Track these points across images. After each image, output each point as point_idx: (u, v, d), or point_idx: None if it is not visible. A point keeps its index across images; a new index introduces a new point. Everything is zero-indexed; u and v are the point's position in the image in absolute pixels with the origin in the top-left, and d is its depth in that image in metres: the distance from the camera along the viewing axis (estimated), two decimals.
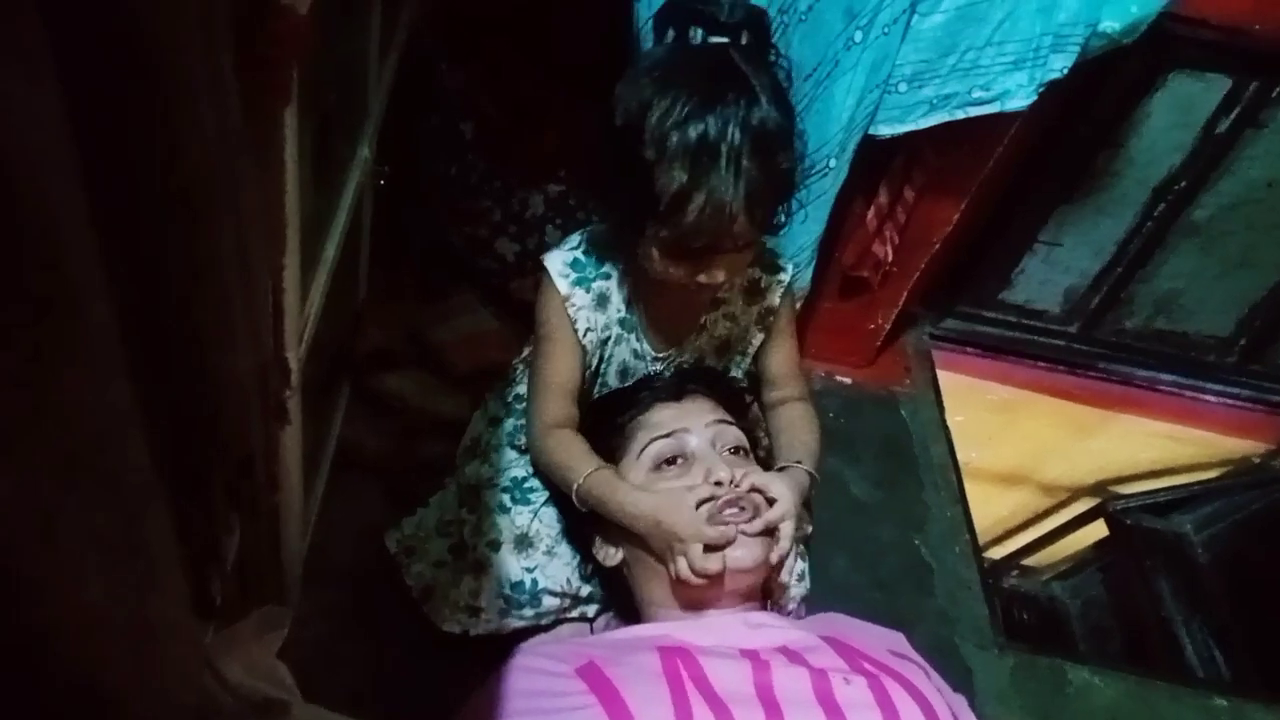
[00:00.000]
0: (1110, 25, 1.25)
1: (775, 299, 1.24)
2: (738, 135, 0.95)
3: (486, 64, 1.58)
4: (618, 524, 1.05)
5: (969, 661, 1.44)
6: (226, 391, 0.54)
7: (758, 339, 1.26)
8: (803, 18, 1.26)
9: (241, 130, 0.47)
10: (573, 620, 1.20)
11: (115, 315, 0.36)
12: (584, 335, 1.15)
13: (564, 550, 1.16)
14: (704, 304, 1.21)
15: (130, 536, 0.38)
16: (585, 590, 1.17)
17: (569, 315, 1.13)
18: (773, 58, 1.06)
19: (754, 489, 1.02)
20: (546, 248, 1.50)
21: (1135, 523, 2.15)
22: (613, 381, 1.24)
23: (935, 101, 1.32)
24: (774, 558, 1.02)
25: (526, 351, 1.31)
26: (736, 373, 1.29)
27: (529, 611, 1.14)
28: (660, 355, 1.22)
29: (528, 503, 1.17)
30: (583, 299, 1.13)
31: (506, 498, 1.18)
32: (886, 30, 1.24)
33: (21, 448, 0.33)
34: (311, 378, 0.97)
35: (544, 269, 1.15)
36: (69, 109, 0.33)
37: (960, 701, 0.98)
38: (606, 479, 1.07)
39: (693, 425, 1.08)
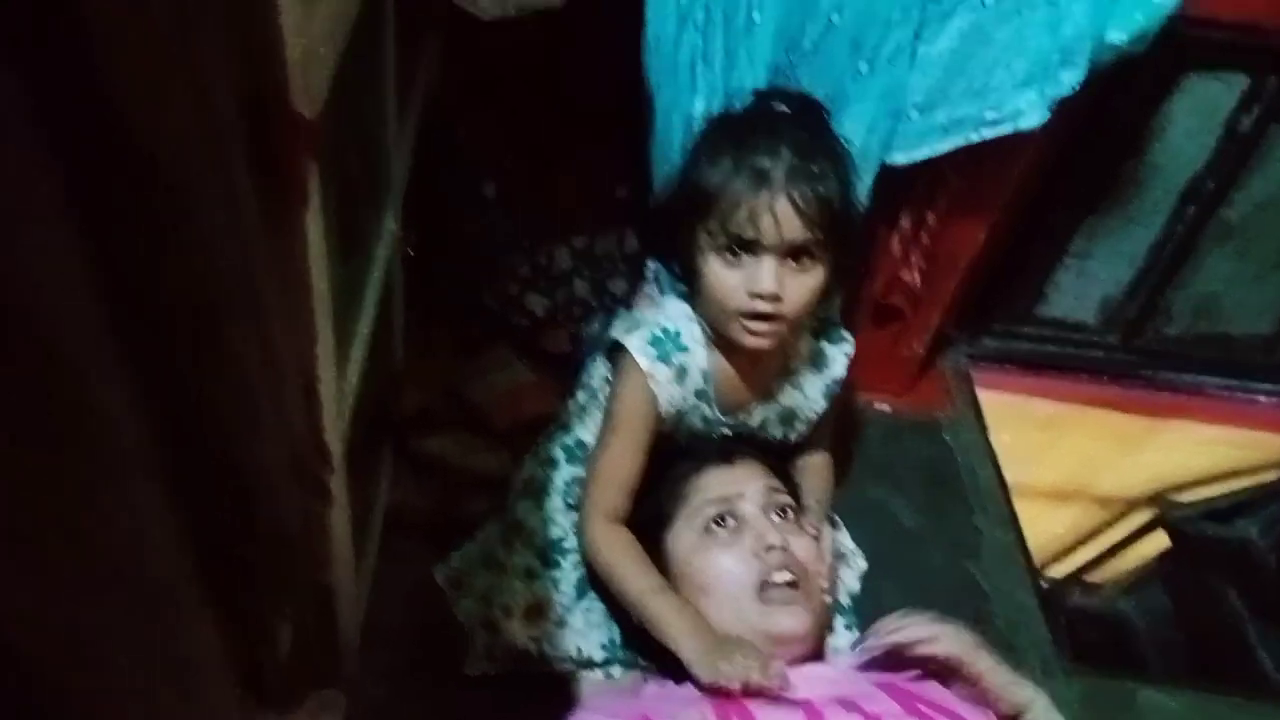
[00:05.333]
0: (1117, 36, 1.25)
1: (841, 369, 1.28)
2: (782, 141, 1.05)
3: (504, 118, 1.61)
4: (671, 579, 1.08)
5: None
6: (260, 484, 0.55)
7: (821, 408, 1.30)
8: (809, 55, 1.28)
9: (260, 235, 0.49)
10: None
11: (143, 429, 0.37)
12: (665, 409, 1.16)
13: (575, 620, 1.19)
14: (774, 372, 1.23)
15: (171, 647, 0.39)
16: (599, 655, 1.18)
17: (650, 392, 1.14)
18: (831, 131, 1.16)
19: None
20: (576, 300, 1.53)
21: (1197, 531, 2.09)
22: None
23: (949, 126, 1.32)
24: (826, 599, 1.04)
25: (580, 394, 1.33)
26: (794, 439, 1.32)
27: (538, 669, 1.17)
28: (728, 422, 1.24)
29: (557, 567, 1.20)
30: (665, 374, 1.15)
31: (537, 562, 1.20)
32: (892, 60, 1.26)
33: (52, 566, 0.34)
34: (354, 448, 0.99)
35: (624, 352, 1.16)
36: (85, 231, 0.35)
37: None
38: (668, 605, 1.05)
39: (745, 490, 1.10)
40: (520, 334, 1.62)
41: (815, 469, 1.34)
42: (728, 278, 1.08)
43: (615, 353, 1.20)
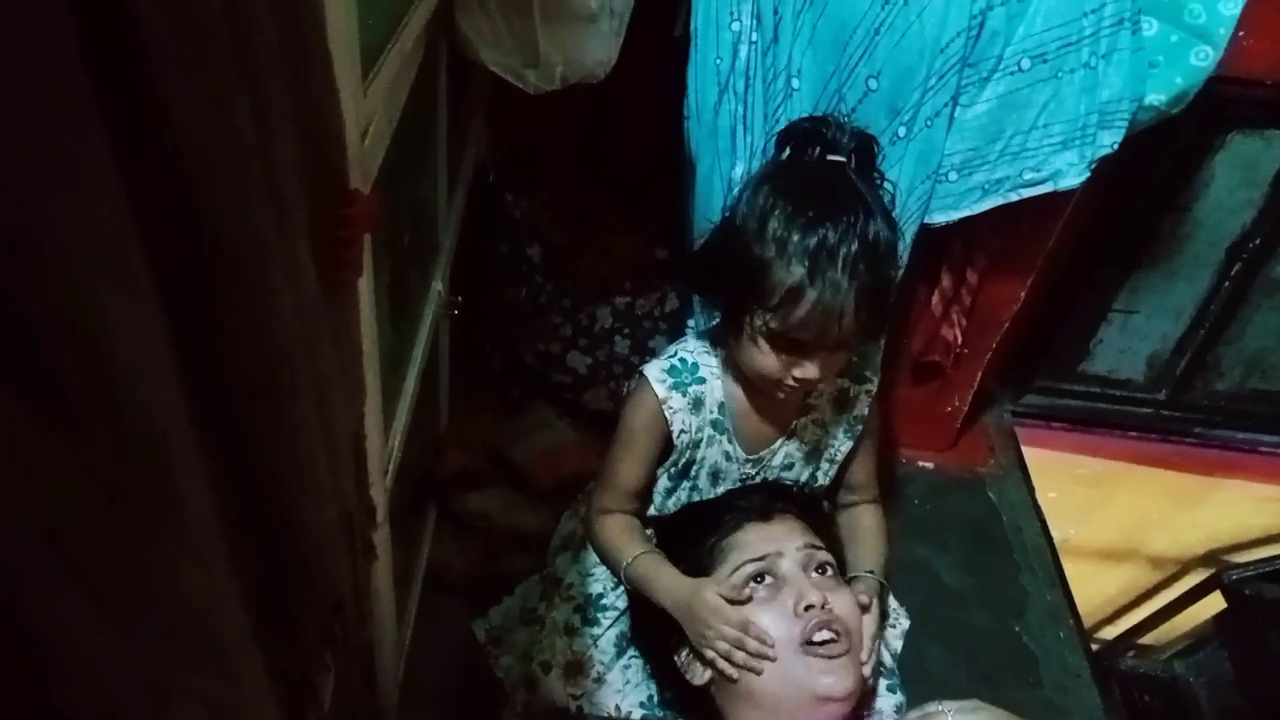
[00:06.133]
0: (1157, 98, 1.26)
1: (863, 408, 1.27)
2: (855, 244, 1.02)
3: (548, 184, 1.66)
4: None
5: None
6: (315, 542, 0.57)
7: (846, 447, 1.29)
8: (847, 117, 1.30)
9: (321, 308, 0.52)
10: None
11: (212, 496, 0.39)
12: (678, 436, 1.19)
13: (615, 676, 1.18)
14: (794, 409, 1.23)
15: (232, 697, 0.41)
16: (638, 714, 1.17)
17: (664, 418, 1.17)
18: (878, 179, 1.14)
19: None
20: (616, 358, 1.54)
21: (1255, 593, 2.03)
22: (704, 484, 1.26)
23: (987, 187, 1.33)
24: (865, 670, 1.02)
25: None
26: (823, 480, 1.31)
27: None
28: (751, 458, 1.24)
29: (596, 624, 1.20)
30: (679, 402, 1.18)
31: (577, 618, 1.21)
32: (929, 123, 1.27)
33: (133, 625, 0.36)
34: (398, 505, 1.01)
35: (641, 377, 1.20)
36: (168, 309, 0.37)
37: None
38: (653, 562, 1.13)
39: (785, 548, 1.09)
40: (562, 392, 1.64)
41: (867, 532, 1.29)
42: (773, 361, 1.08)
43: (636, 384, 1.23)
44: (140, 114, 0.35)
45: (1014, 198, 1.33)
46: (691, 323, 1.53)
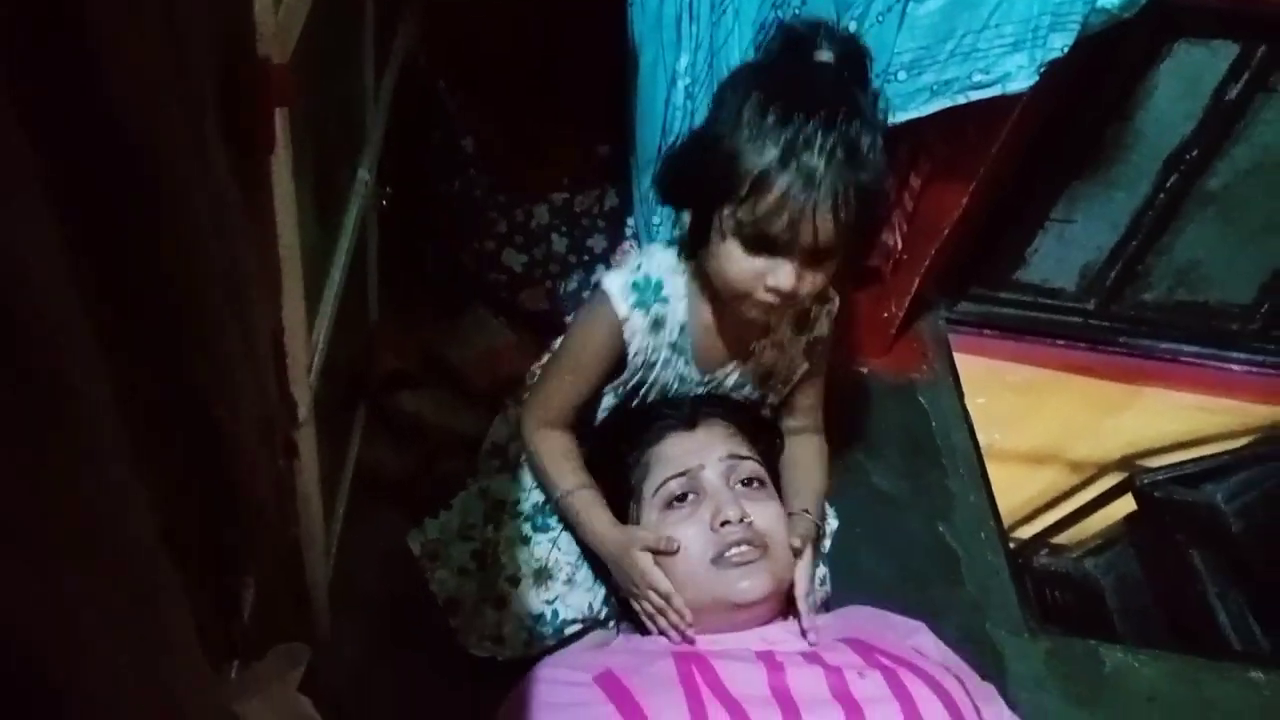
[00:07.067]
0: (1109, 1, 1.23)
1: (823, 329, 1.24)
2: (834, 137, 0.94)
3: (483, 68, 1.58)
4: None
5: (1001, 648, 1.43)
6: (232, 445, 0.54)
7: (802, 368, 1.26)
8: (797, 12, 1.25)
9: (230, 187, 0.48)
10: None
11: (113, 397, 0.36)
12: (633, 356, 1.15)
13: (583, 575, 1.17)
14: (756, 330, 1.19)
15: (142, 606, 0.39)
16: (605, 612, 1.18)
17: (622, 339, 1.12)
18: (873, 95, 1.05)
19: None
20: (554, 256, 1.49)
21: (1165, 495, 2.13)
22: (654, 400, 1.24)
23: (935, 88, 1.31)
24: (803, 609, 1.04)
25: (546, 358, 1.31)
26: (774, 400, 1.29)
27: (551, 639, 1.15)
28: (705, 380, 1.21)
29: (547, 529, 1.18)
30: (640, 322, 1.13)
31: (527, 526, 1.19)
32: (880, 19, 1.23)
33: (33, 535, 0.33)
34: (325, 405, 0.97)
35: (600, 291, 1.13)
36: (51, 196, 0.33)
37: (988, 692, 0.97)
38: (585, 503, 1.12)
39: (706, 459, 1.07)
40: (497, 291, 1.60)
41: (806, 465, 1.26)
42: (745, 265, 1.01)
43: (593, 298, 1.17)
44: None
45: (962, 100, 1.31)
46: (630, 220, 1.50)
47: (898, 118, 1.33)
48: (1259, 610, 1.90)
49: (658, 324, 1.14)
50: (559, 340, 1.27)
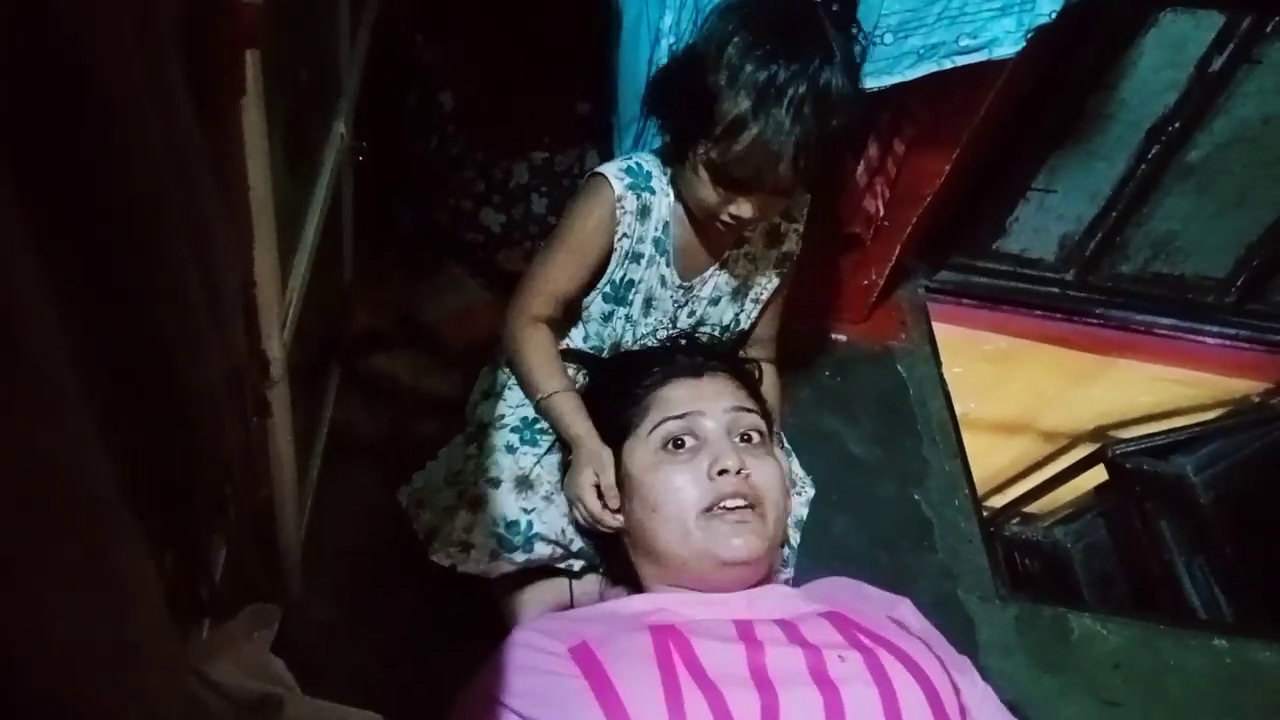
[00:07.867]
0: None
1: (792, 245, 1.30)
2: (804, 86, 1.01)
3: (463, 24, 1.54)
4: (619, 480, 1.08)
5: (972, 614, 1.44)
6: (198, 400, 0.52)
7: (773, 284, 1.32)
8: None
9: (194, 132, 0.46)
10: (560, 574, 1.19)
11: (69, 347, 0.34)
12: (619, 239, 1.18)
13: (562, 500, 1.15)
14: (730, 237, 1.25)
15: (96, 564, 0.37)
16: (577, 544, 1.16)
17: (615, 216, 1.16)
18: (855, 29, 1.12)
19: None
20: (533, 217, 1.48)
21: (1135, 466, 2.15)
22: (637, 312, 1.25)
23: (922, 52, 1.29)
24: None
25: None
26: (744, 324, 1.34)
27: (520, 556, 1.12)
28: (683, 285, 1.26)
29: (535, 444, 1.18)
30: (632, 204, 1.18)
31: (515, 438, 1.18)
32: None
33: None
34: (298, 364, 0.95)
35: (596, 175, 1.18)
36: None
37: (964, 664, 0.97)
38: (571, 406, 1.14)
39: (709, 408, 1.05)
40: (474, 251, 1.58)
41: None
42: (711, 193, 1.10)
43: (588, 182, 1.21)
44: None
45: (948, 65, 1.29)
46: None
47: (883, 82, 1.32)
48: (1225, 580, 1.94)
49: (645, 212, 1.19)
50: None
